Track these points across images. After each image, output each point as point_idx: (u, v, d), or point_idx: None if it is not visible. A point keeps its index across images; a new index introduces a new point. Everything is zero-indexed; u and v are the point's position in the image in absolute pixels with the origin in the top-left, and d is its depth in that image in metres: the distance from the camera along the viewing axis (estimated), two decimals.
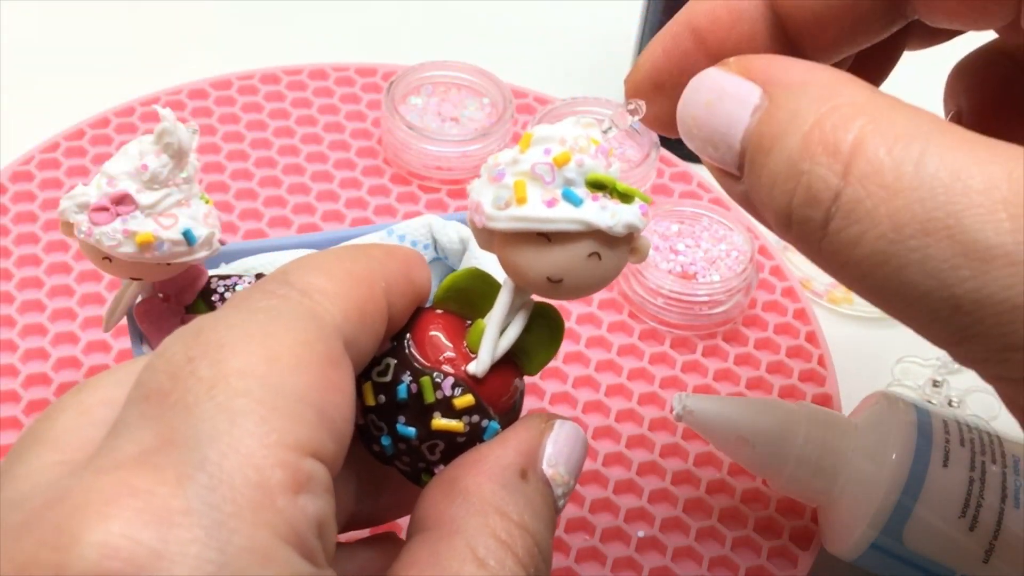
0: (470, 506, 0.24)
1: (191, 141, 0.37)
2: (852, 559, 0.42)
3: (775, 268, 0.58)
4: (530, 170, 0.25)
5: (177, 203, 0.37)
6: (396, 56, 0.67)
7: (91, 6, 0.71)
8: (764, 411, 0.43)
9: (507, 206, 0.25)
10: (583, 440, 0.27)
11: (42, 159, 0.59)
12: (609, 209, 0.25)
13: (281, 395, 0.21)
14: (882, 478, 0.41)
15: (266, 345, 0.22)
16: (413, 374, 0.26)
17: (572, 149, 0.26)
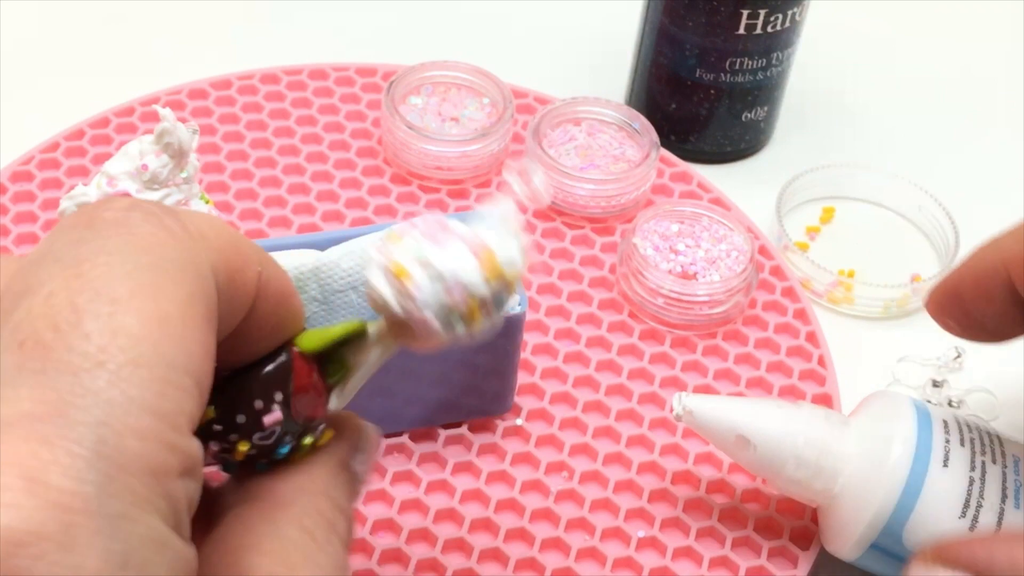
0: (302, 486, 0.26)
1: (191, 141, 0.37)
2: (852, 559, 0.42)
3: (775, 268, 0.58)
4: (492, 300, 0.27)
5: (177, 203, 0.37)
6: (396, 56, 0.67)
7: (91, 6, 0.71)
8: (764, 411, 0.43)
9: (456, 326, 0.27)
10: (377, 441, 0.30)
11: (42, 159, 0.59)
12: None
13: (173, 366, 0.20)
14: (882, 478, 0.41)
15: (157, 301, 0.20)
16: (295, 436, 0.26)
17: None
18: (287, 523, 0.25)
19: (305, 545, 0.25)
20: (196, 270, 0.22)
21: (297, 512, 0.25)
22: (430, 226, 0.27)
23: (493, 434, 0.49)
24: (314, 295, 0.48)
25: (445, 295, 0.26)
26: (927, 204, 0.62)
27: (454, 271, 0.26)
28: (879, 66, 0.74)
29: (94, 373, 0.19)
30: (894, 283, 0.57)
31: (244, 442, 0.26)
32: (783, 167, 0.64)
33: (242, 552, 0.24)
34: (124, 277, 0.20)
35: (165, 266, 0.21)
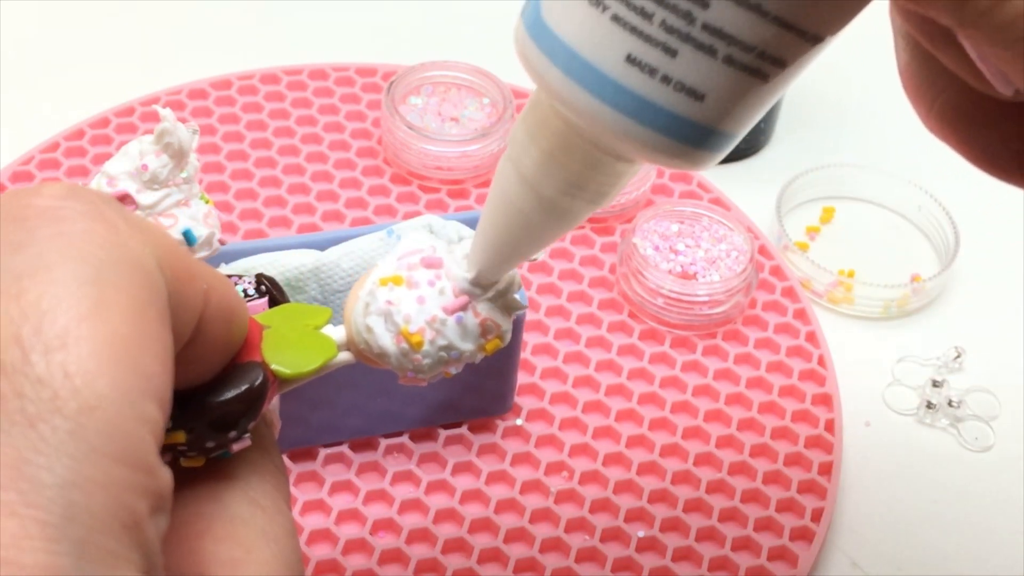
0: (240, 455, 0.25)
1: (191, 141, 0.37)
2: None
3: (775, 268, 0.58)
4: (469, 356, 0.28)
5: (177, 203, 0.37)
6: (396, 56, 0.67)
7: (91, 6, 0.71)
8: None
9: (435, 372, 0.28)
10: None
11: (42, 159, 0.59)
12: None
13: (133, 399, 0.19)
14: None
15: (108, 322, 0.19)
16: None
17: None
18: (234, 500, 0.24)
19: (256, 519, 0.24)
20: (142, 268, 0.20)
21: (242, 485, 0.25)
22: (446, 288, 0.27)
23: (493, 434, 0.49)
24: (314, 295, 0.48)
25: (444, 365, 0.28)
26: (927, 204, 0.62)
27: (464, 350, 0.27)
28: (879, 66, 0.74)
29: (52, 423, 0.18)
30: (894, 283, 0.57)
31: (200, 459, 0.25)
32: (783, 167, 0.64)
33: (196, 541, 0.23)
34: (68, 298, 0.19)
35: (109, 274, 0.19)
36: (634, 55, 0.23)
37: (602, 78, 0.23)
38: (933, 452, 0.52)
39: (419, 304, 0.27)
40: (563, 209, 0.26)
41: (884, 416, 0.53)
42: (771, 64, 0.23)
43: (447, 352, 0.27)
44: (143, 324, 0.19)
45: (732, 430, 0.50)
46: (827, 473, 0.49)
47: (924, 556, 0.48)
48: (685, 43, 0.22)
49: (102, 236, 0.20)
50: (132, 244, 0.20)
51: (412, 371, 0.27)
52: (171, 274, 0.21)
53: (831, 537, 0.48)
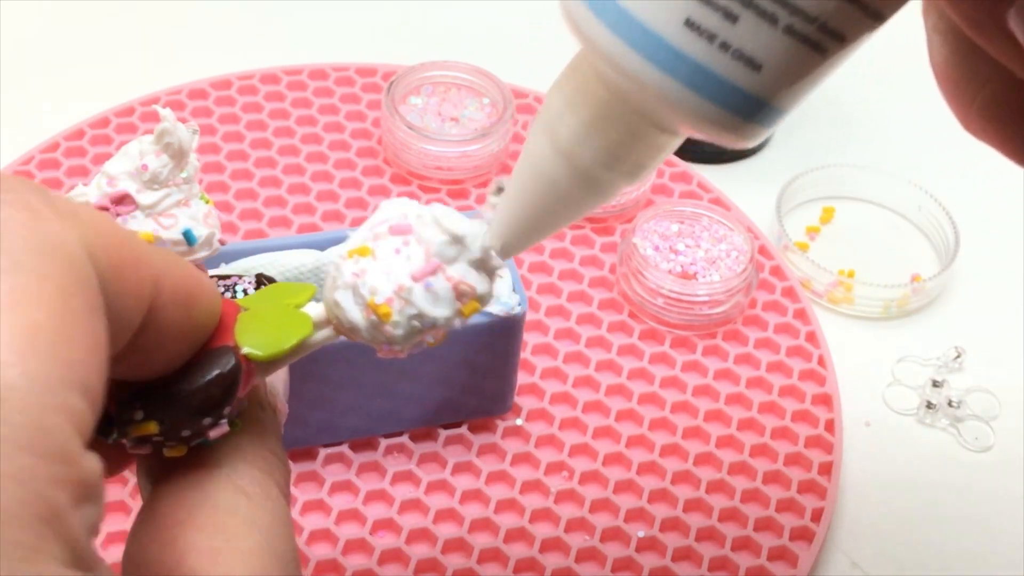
0: (229, 441, 0.25)
1: (191, 141, 0.37)
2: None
3: (775, 268, 0.58)
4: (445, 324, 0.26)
5: (177, 203, 0.37)
6: (396, 56, 0.67)
7: (91, 6, 0.71)
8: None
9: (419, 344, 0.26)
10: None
11: (42, 159, 0.59)
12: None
13: (51, 388, 0.18)
14: None
15: (22, 312, 0.18)
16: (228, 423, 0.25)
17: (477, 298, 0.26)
18: (217, 488, 0.24)
19: (240, 508, 0.23)
20: (66, 257, 0.19)
21: (227, 472, 0.24)
22: (414, 254, 0.26)
23: (493, 434, 0.49)
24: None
25: (420, 334, 0.26)
26: (927, 204, 0.62)
27: (437, 317, 0.25)
28: (879, 66, 0.74)
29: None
30: (894, 283, 0.57)
31: (181, 447, 0.25)
32: (783, 167, 0.64)
33: (176, 530, 0.23)
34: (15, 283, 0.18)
35: (31, 261, 0.19)
36: (693, 19, 0.22)
37: (658, 42, 0.23)
38: (933, 452, 0.52)
39: (385, 274, 0.25)
40: (599, 181, 0.25)
41: (884, 416, 0.53)
42: (831, 38, 0.22)
43: (419, 321, 0.25)
44: (65, 313, 0.19)
45: (732, 430, 0.50)
46: (827, 473, 0.49)
47: (924, 556, 0.48)
48: (747, 9, 0.22)
49: (22, 224, 0.19)
50: (57, 231, 0.20)
51: (386, 343, 0.26)
52: (107, 261, 0.21)
53: (831, 537, 0.48)
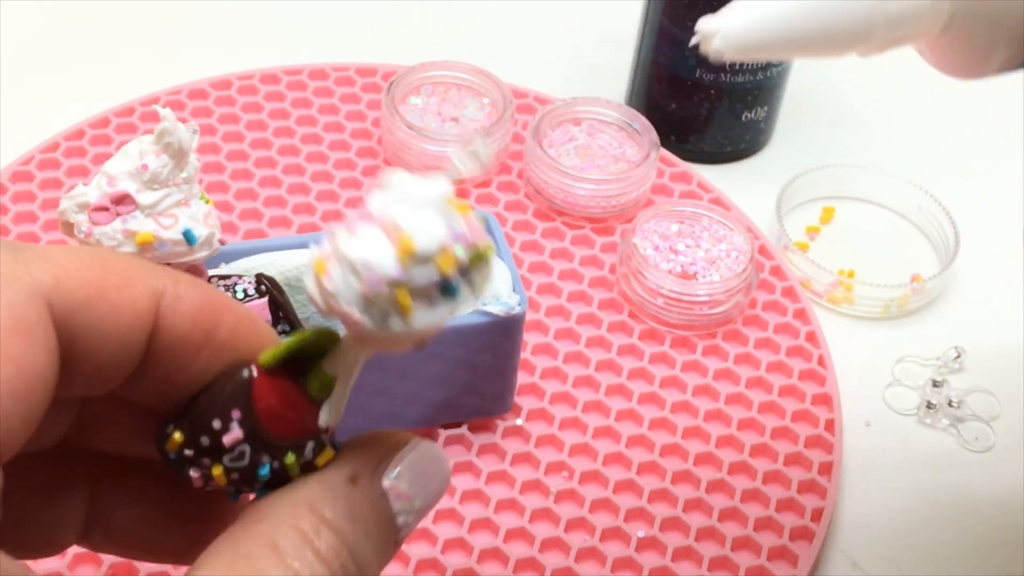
0: (283, 499, 0.24)
1: (191, 141, 0.37)
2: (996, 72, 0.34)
3: (775, 268, 0.58)
4: (415, 288, 0.24)
5: (177, 203, 0.37)
6: (396, 56, 0.67)
7: (91, 6, 0.71)
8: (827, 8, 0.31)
9: (388, 319, 0.24)
10: (442, 465, 0.26)
11: (42, 159, 0.59)
12: (478, 284, 0.25)
13: None
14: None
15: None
16: (273, 454, 0.25)
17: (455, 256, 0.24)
18: (248, 539, 0.23)
19: (261, 559, 0.23)
20: (9, 280, 0.22)
21: (265, 528, 0.23)
22: (352, 217, 0.25)
23: (493, 434, 0.49)
24: None
25: (357, 283, 0.24)
26: (927, 204, 0.62)
27: (363, 258, 0.23)
28: (879, 66, 0.74)
29: None
30: (894, 283, 0.57)
31: (216, 465, 0.25)
32: (783, 167, 0.64)
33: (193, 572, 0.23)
34: None
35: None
36: None
37: None
38: (933, 452, 0.52)
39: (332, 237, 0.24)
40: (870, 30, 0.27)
41: (884, 416, 0.53)
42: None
43: (348, 265, 0.24)
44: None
45: (732, 430, 0.50)
46: (827, 473, 0.49)
47: (924, 556, 0.48)
48: None
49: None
50: (13, 266, 0.22)
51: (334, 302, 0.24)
52: (83, 291, 0.22)
53: (831, 537, 0.48)
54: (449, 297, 0.24)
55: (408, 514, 0.25)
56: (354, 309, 0.24)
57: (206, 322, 0.25)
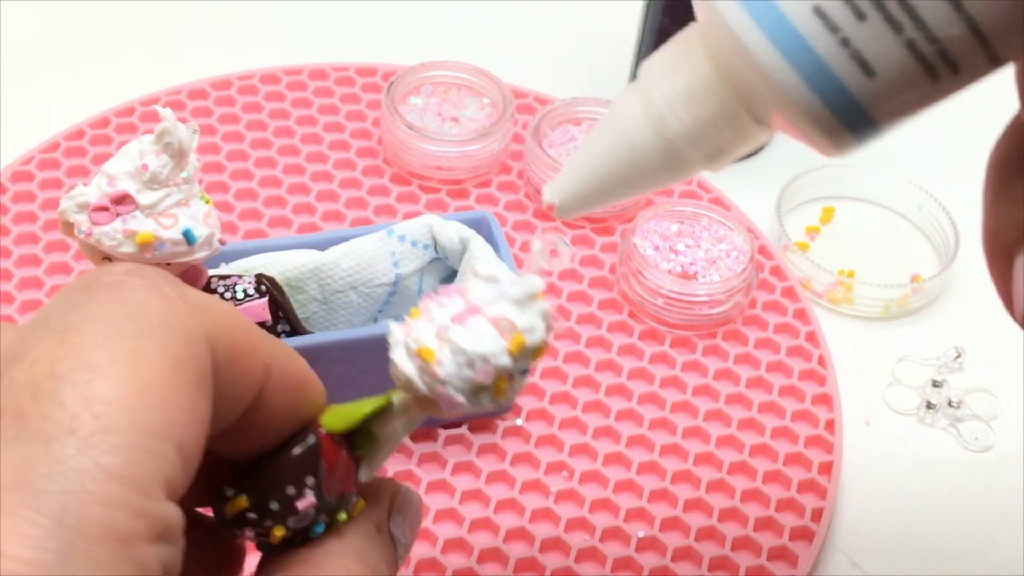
0: (333, 549, 0.26)
1: (191, 141, 0.37)
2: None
3: (775, 268, 0.58)
4: (516, 371, 0.27)
5: (177, 203, 0.37)
6: (396, 56, 0.67)
7: (91, 6, 0.71)
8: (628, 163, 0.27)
9: (482, 398, 0.26)
10: (419, 504, 0.29)
11: (42, 159, 0.59)
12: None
13: (147, 432, 0.20)
14: None
15: (136, 367, 0.21)
16: (327, 514, 0.26)
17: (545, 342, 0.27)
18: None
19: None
20: (186, 336, 0.22)
21: (324, 574, 0.25)
22: (454, 302, 0.27)
23: (493, 434, 0.49)
24: (314, 295, 0.48)
25: (470, 372, 0.26)
26: (927, 204, 0.62)
27: (482, 353, 0.26)
28: None
29: (64, 441, 0.19)
30: (894, 283, 0.57)
31: (280, 527, 0.26)
32: (783, 167, 0.64)
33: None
34: (107, 344, 0.21)
35: (152, 332, 0.21)
36: (823, 8, 0.22)
37: (781, 21, 0.23)
38: (933, 452, 0.52)
39: (429, 323, 0.26)
40: (679, 155, 0.25)
41: (884, 416, 0.53)
42: (947, 65, 0.23)
43: (463, 357, 0.26)
44: (173, 379, 0.21)
45: (732, 430, 0.50)
46: (827, 473, 0.49)
47: (924, 556, 0.48)
48: (877, 11, 0.22)
49: (155, 304, 0.22)
50: (182, 314, 0.22)
51: (442, 389, 0.26)
52: (226, 348, 0.23)
53: (831, 537, 0.48)
54: (526, 374, 0.27)
55: (404, 548, 0.28)
56: (461, 396, 0.26)
57: (297, 393, 0.26)
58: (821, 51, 0.23)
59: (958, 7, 0.22)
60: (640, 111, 0.25)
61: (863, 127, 0.24)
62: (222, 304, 0.24)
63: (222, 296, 0.42)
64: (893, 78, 0.23)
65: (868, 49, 0.22)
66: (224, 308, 0.24)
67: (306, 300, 0.48)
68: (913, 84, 0.23)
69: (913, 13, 0.22)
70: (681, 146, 0.25)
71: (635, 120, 0.25)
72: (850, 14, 0.22)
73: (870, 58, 0.22)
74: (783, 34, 0.23)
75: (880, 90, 0.23)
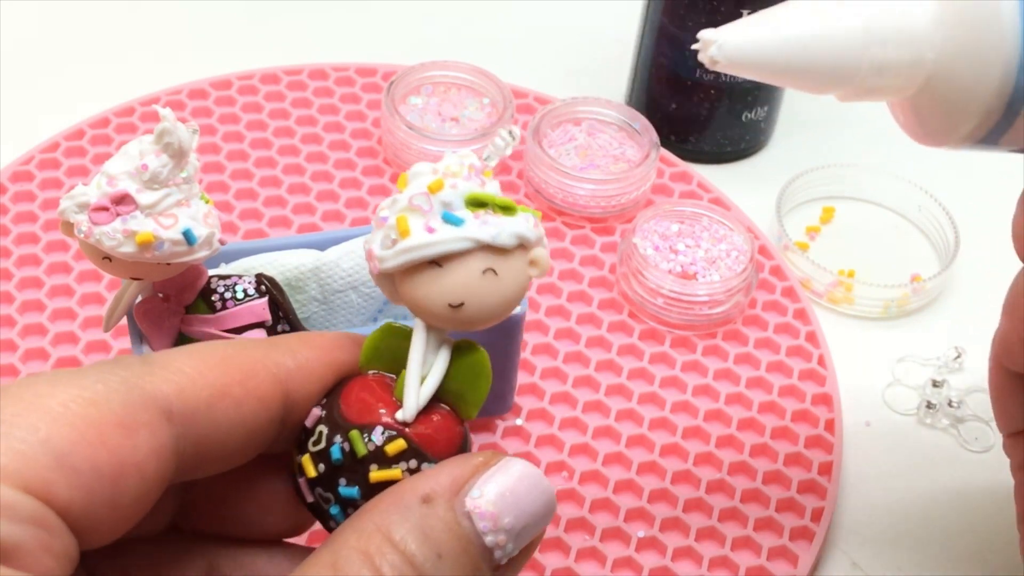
0: (353, 521, 0.24)
1: (191, 141, 0.37)
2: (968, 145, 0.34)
3: (775, 268, 0.58)
4: (407, 203, 0.26)
5: (177, 203, 0.37)
6: (396, 56, 0.67)
7: (92, 6, 0.71)
8: (818, 42, 0.32)
9: (393, 244, 0.26)
10: (538, 483, 0.25)
11: (42, 159, 0.59)
12: (491, 223, 0.26)
13: (16, 435, 0.22)
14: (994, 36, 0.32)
15: (41, 396, 0.23)
16: (342, 434, 0.26)
17: (445, 175, 0.26)
18: (313, 564, 0.24)
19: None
20: (124, 385, 0.24)
21: (332, 549, 0.24)
22: None
23: (493, 434, 0.49)
24: (314, 295, 0.48)
25: (375, 223, 0.27)
26: (927, 204, 0.62)
27: (381, 204, 0.27)
28: None
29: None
30: (894, 283, 0.57)
31: (303, 454, 0.27)
32: (783, 167, 0.64)
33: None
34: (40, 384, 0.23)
35: (82, 381, 0.23)
36: None
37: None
38: (933, 452, 0.52)
39: None
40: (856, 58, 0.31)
41: (884, 416, 0.53)
42: None
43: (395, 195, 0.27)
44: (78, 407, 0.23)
45: (732, 430, 0.50)
46: (827, 473, 0.49)
47: (924, 556, 0.48)
48: None
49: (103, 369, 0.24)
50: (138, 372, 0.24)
51: (376, 221, 0.26)
52: (207, 391, 0.25)
53: (831, 537, 0.48)
54: (449, 224, 0.26)
55: (497, 534, 0.24)
56: (374, 246, 0.26)
57: (328, 373, 0.27)
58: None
59: None
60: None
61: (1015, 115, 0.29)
62: (193, 359, 0.25)
63: (222, 296, 0.42)
64: None
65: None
66: (195, 362, 0.25)
67: (306, 300, 0.48)
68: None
69: None
70: (864, 64, 0.31)
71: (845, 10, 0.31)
72: None
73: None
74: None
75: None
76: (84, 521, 0.23)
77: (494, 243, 0.26)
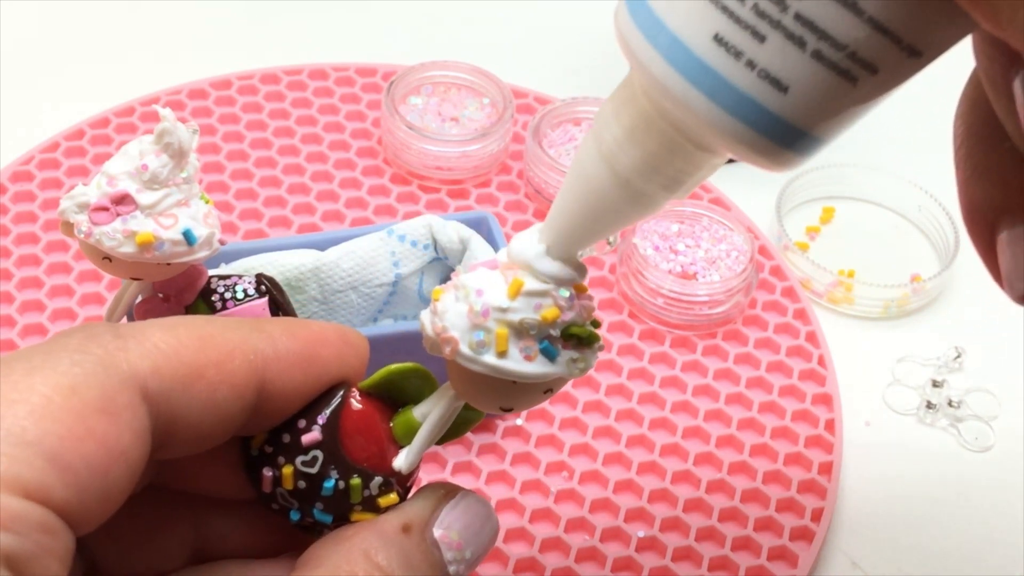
0: (339, 546, 0.25)
1: (191, 141, 0.37)
2: None
3: (775, 268, 0.58)
4: (518, 324, 0.25)
5: (177, 203, 0.37)
6: (396, 56, 0.67)
7: (91, 6, 0.71)
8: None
9: (481, 348, 0.25)
10: (487, 515, 0.27)
11: (42, 159, 0.59)
12: (578, 361, 0.26)
13: (6, 438, 0.22)
14: None
15: (19, 389, 0.22)
16: (341, 472, 0.26)
17: (558, 306, 0.26)
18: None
19: None
20: (100, 364, 0.23)
21: (320, 573, 0.25)
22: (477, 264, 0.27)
23: (493, 434, 0.49)
24: (314, 295, 0.48)
25: (464, 307, 0.26)
26: (927, 204, 0.62)
27: (477, 286, 0.26)
28: None
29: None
30: (894, 283, 0.57)
31: (288, 465, 0.26)
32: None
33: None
34: (8, 372, 0.23)
35: (55, 364, 0.23)
36: (721, 35, 0.22)
37: (686, 52, 0.23)
38: (933, 452, 0.52)
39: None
40: (637, 190, 0.25)
41: (884, 416, 0.53)
42: (862, 67, 0.22)
43: (461, 292, 0.26)
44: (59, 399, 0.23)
45: (732, 430, 0.50)
46: (827, 473, 0.49)
47: (924, 556, 0.48)
48: (775, 30, 0.22)
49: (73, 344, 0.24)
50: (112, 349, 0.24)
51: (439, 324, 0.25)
52: (182, 371, 0.24)
53: (831, 537, 0.48)
54: (545, 357, 0.26)
55: (460, 563, 0.26)
56: (456, 332, 0.25)
57: (309, 367, 0.27)
58: (729, 77, 0.23)
59: (856, 10, 0.21)
60: (596, 154, 0.25)
61: (797, 141, 0.24)
62: (169, 335, 0.25)
63: (222, 296, 0.42)
64: (808, 90, 0.22)
65: (775, 67, 0.22)
66: (170, 339, 0.25)
67: (306, 300, 0.48)
68: (832, 91, 0.23)
69: (812, 26, 0.22)
70: (636, 182, 0.25)
71: (593, 163, 0.25)
72: (749, 38, 0.22)
73: (780, 75, 0.22)
74: (690, 65, 0.23)
75: (799, 104, 0.23)
76: (78, 515, 0.23)
77: (570, 377, 0.26)
